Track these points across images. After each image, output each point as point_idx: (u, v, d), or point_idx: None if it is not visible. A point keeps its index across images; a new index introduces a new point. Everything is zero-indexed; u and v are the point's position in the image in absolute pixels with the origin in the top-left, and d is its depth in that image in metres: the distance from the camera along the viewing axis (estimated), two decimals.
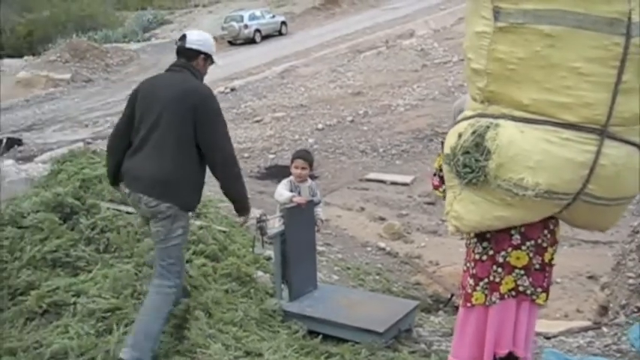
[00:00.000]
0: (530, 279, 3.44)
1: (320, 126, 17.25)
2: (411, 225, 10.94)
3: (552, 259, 3.48)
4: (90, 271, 5.02)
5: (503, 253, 3.39)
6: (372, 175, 13.90)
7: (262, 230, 4.74)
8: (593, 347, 4.59)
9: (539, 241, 3.40)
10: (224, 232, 6.25)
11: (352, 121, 17.66)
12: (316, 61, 23.76)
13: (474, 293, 3.45)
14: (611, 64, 2.92)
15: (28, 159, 14.46)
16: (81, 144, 15.56)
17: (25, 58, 30.81)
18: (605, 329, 5.09)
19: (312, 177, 5.46)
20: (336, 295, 5.14)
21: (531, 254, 3.40)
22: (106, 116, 19.30)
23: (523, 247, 3.38)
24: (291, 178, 5.23)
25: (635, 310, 5.32)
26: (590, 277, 9.41)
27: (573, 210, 3.23)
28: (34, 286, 4.95)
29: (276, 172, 13.73)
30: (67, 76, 25.36)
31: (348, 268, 8.26)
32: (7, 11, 40.70)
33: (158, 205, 3.96)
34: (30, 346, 4.28)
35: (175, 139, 3.95)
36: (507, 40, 3.02)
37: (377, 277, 8.44)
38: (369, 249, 9.90)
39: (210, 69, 4.41)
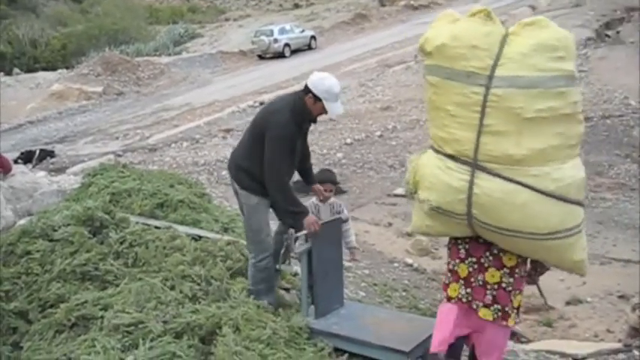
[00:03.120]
0: (469, 290, 3.86)
1: (349, 140, 17.28)
2: (438, 241, 10.86)
3: (501, 282, 3.78)
4: (118, 285, 5.08)
5: (453, 262, 3.94)
6: (400, 191, 13.85)
7: (289, 247, 4.75)
8: None
9: (482, 260, 3.81)
10: None
11: (381, 136, 17.65)
12: (345, 75, 23.78)
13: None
14: (473, 109, 3.50)
15: (60, 170, 14.65)
16: (111, 156, 15.79)
17: (59, 71, 31.28)
18: (636, 352, 5.01)
19: (341, 192, 5.45)
20: (363, 312, 5.11)
21: (471, 269, 3.84)
22: (136, 129, 19.51)
23: (466, 262, 3.86)
24: (314, 200, 5.23)
25: None
26: (620, 297, 9.29)
27: (491, 237, 3.71)
28: (64, 299, 5.03)
29: (303, 187, 13.74)
30: (99, 89, 25.70)
31: (375, 285, 8.24)
32: (43, 25, 41.54)
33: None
34: (58, 359, 4.33)
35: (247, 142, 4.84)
36: (424, 88, 3.85)
37: (404, 294, 8.41)
38: (396, 265, 9.87)
39: (240, 82, 4.61)
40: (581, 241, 3.62)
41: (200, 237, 6.28)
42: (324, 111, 4.63)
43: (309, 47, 33.04)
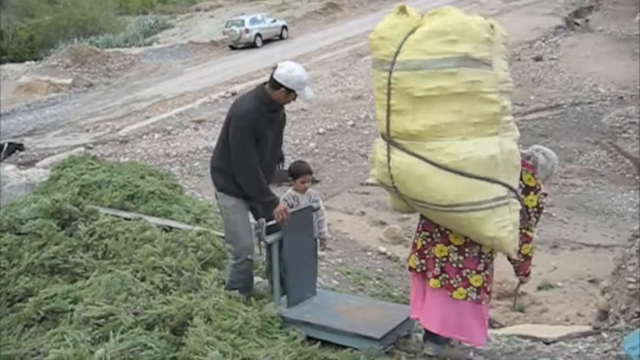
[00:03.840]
0: (423, 261, 4.29)
1: (321, 130, 17.25)
2: (411, 229, 10.88)
3: (448, 256, 4.15)
4: (87, 278, 5.03)
5: (414, 235, 4.41)
6: (373, 179, 13.87)
7: (260, 236, 4.73)
8: (593, 353, 4.57)
9: (433, 235, 4.21)
10: (223, 237, 6.22)
11: (353, 125, 17.66)
12: (317, 65, 23.72)
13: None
14: (383, 91, 3.96)
15: (30, 164, 14.46)
16: (82, 149, 15.60)
17: (27, 63, 30.72)
18: (605, 335, 5.07)
19: (314, 181, 5.45)
20: (335, 301, 5.12)
21: (425, 242, 4.27)
22: (106, 121, 19.28)
23: (421, 235, 4.29)
24: (291, 191, 5.21)
25: (635, 315, 5.29)
26: (591, 281, 9.41)
27: (416, 209, 4.18)
28: (32, 292, 4.97)
29: (277, 176, 13.71)
30: (69, 80, 25.31)
31: (349, 273, 8.25)
32: (9, 16, 40.80)
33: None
34: (27, 354, 4.28)
35: (221, 139, 4.84)
36: None
37: (377, 282, 8.43)
38: (369, 253, 9.89)
39: (211, 73, 4.60)
40: (494, 217, 3.81)
41: (171, 228, 6.24)
42: (290, 99, 4.65)
43: (281, 37, 32.87)
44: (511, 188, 3.86)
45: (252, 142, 4.59)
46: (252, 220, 4.98)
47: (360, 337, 4.40)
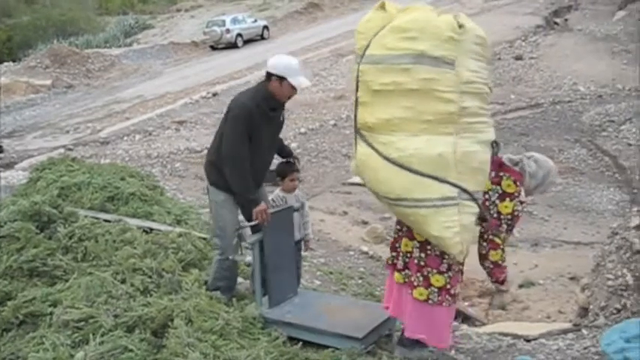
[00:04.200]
0: (394, 253, 4.41)
1: (303, 130, 17.24)
2: (393, 229, 10.92)
3: (412, 252, 4.22)
4: (67, 280, 4.98)
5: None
6: (355, 179, 13.88)
7: (241, 237, 4.72)
8: (573, 350, 4.60)
9: (403, 228, 4.31)
10: (204, 238, 6.21)
11: (335, 125, 17.67)
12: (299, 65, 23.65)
13: None
14: (354, 84, 4.03)
15: (9, 166, 14.30)
16: (62, 150, 15.47)
17: (5, 64, 30.41)
18: (584, 331, 5.11)
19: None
20: (317, 301, 5.12)
21: (396, 236, 4.42)
22: (87, 122, 19.14)
23: (394, 228, 4.48)
24: (279, 192, 5.21)
25: (615, 311, 5.34)
26: (571, 278, 9.46)
27: (378, 200, 4.19)
28: (11, 296, 4.92)
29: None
30: (48, 82, 25.08)
31: (331, 273, 8.24)
32: None
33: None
34: (6, 358, 4.23)
35: (218, 134, 4.85)
36: None
37: (359, 282, 8.43)
38: (351, 253, 9.88)
39: (192, 73, 4.60)
40: (438, 217, 3.83)
41: (151, 229, 6.21)
42: (292, 90, 4.64)
43: (262, 37, 32.84)
44: (463, 190, 3.83)
45: (245, 136, 4.57)
46: (240, 217, 4.99)
47: (342, 336, 4.40)
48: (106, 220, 6.24)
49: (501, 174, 4.13)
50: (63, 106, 21.98)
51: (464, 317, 7.23)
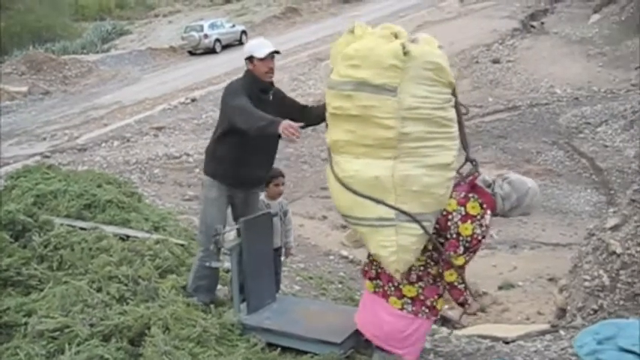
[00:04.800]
0: (367, 261, 4.49)
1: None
2: None
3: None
4: (42, 290, 4.92)
5: None
6: None
7: (218, 243, 4.70)
8: (550, 351, 4.62)
9: None
10: (182, 245, 6.17)
11: (314, 130, 17.54)
12: (277, 69, 23.33)
13: None
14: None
15: None
16: (39, 158, 15.30)
17: None
18: (562, 332, 5.15)
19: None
20: (295, 306, 5.10)
21: None
22: (64, 129, 18.95)
23: None
24: (263, 198, 5.20)
25: (592, 312, 5.38)
26: (550, 280, 9.52)
27: None
28: None
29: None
30: (24, 88, 24.79)
31: (310, 278, 8.22)
32: None
33: None
34: None
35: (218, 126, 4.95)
36: None
37: (339, 286, 8.42)
38: (331, 257, 9.88)
39: (170, 79, 4.62)
40: (376, 236, 4.02)
41: (128, 237, 6.15)
42: (262, 62, 4.77)
43: (240, 42, 32.71)
44: (403, 212, 3.95)
45: (242, 98, 4.63)
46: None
47: (321, 342, 4.39)
48: (82, 228, 6.17)
49: (470, 195, 4.13)
50: (39, 113, 21.77)
51: (443, 320, 7.24)
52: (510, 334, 5.56)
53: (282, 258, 5.50)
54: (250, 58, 4.80)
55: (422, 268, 4.22)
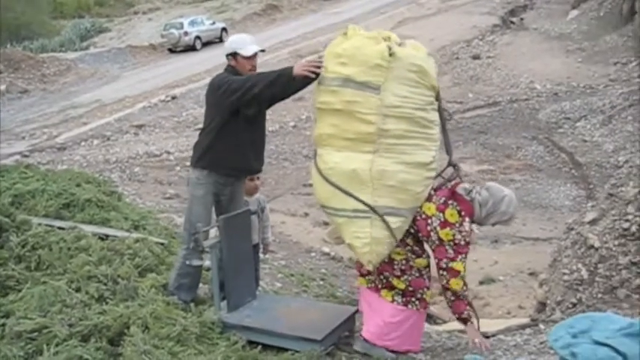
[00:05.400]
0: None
1: None
2: None
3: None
4: (20, 290, 4.86)
5: None
6: None
7: (197, 242, 4.67)
8: (530, 345, 4.66)
9: None
10: (162, 244, 6.14)
11: (295, 127, 17.66)
12: (257, 67, 23.58)
13: None
14: None
15: None
16: (18, 157, 15.16)
17: None
18: (542, 326, 5.19)
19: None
20: (276, 304, 5.10)
21: None
22: (43, 128, 18.81)
23: None
24: None
25: (571, 305, 5.42)
26: (531, 274, 9.58)
27: None
28: None
29: None
30: (2, 87, 24.53)
31: (292, 275, 8.21)
32: None
33: None
34: None
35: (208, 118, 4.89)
36: None
37: (321, 283, 8.41)
38: (313, 254, 9.87)
39: (150, 77, 4.59)
40: (351, 227, 4.22)
41: (107, 236, 6.10)
42: (246, 60, 4.75)
43: (221, 40, 32.60)
44: (373, 206, 4.11)
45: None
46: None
47: (301, 339, 4.39)
48: (60, 228, 6.11)
49: (450, 202, 4.21)
50: (17, 112, 21.58)
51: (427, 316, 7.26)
52: (491, 329, 5.59)
53: (261, 255, 5.48)
54: (234, 55, 4.78)
55: (404, 261, 4.33)
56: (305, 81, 4.41)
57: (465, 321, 4.29)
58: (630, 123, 15.40)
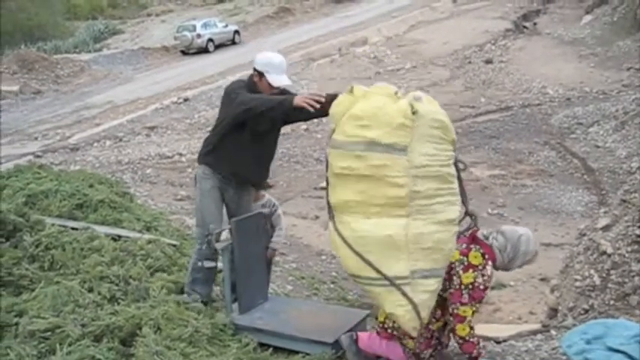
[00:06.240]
0: None
1: None
2: None
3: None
4: (33, 290, 4.90)
5: None
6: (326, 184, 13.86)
7: (210, 243, 4.69)
8: (541, 350, 4.63)
9: None
10: (174, 245, 6.16)
11: (306, 130, 17.67)
12: None
13: None
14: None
15: None
16: (31, 157, 15.26)
17: None
18: (553, 332, 5.16)
19: (268, 186, 5.49)
20: (287, 306, 5.10)
21: None
22: (56, 128, 18.93)
23: None
24: None
25: (582, 312, 5.40)
26: (542, 280, 9.52)
27: None
28: None
29: None
30: (15, 87, 24.75)
31: (303, 278, 8.22)
32: None
33: None
34: None
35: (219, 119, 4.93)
36: None
37: (332, 286, 8.42)
38: (323, 257, 9.87)
39: (163, 79, 4.59)
40: (392, 296, 3.95)
41: (120, 237, 6.14)
42: (271, 87, 4.68)
43: (233, 42, 32.78)
44: (411, 271, 3.93)
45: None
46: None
47: (312, 342, 4.39)
48: (73, 228, 6.16)
49: (472, 246, 4.17)
50: (31, 112, 21.72)
51: None
52: (502, 334, 5.57)
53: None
54: (259, 73, 4.72)
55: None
56: (307, 114, 4.41)
57: (475, 359, 4.24)
58: None
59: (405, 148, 3.85)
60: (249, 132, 4.71)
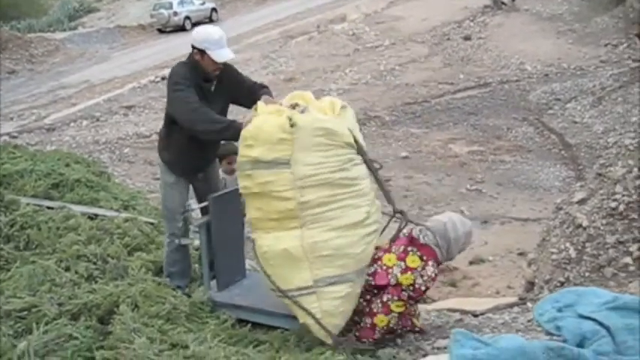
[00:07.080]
0: None
1: None
2: None
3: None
4: (9, 270, 4.85)
5: None
6: None
7: (188, 220, 4.68)
8: (517, 323, 4.68)
9: None
10: (151, 223, 6.13)
11: None
12: (248, 47, 23.52)
13: None
14: None
15: None
16: (6, 138, 15.07)
17: None
18: (530, 305, 5.20)
19: (234, 152, 5.43)
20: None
21: None
22: (31, 109, 18.69)
23: None
24: (220, 173, 5.19)
25: (559, 284, 5.45)
26: (520, 254, 9.63)
27: None
28: None
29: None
30: None
31: None
32: None
33: None
34: None
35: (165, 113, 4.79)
36: None
37: None
38: None
39: (140, 57, 4.48)
40: (297, 309, 4.14)
41: (96, 215, 6.09)
42: (214, 63, 4.55)
43: (210, 20, 32.45)
44: (315, 281, 4.03)
45: (189, 90, 4.46)
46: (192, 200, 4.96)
47: (291, 317, 4.39)
48: (49, 208, 6.10)
49: (409, 249, 4.16)
50: (5, 93, 21.39)
51: None
52: (479, 308, 5.61)
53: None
54: (200, 51, 4.54)
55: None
56: None
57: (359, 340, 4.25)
58: (620, 104, 15.40)
59: (288, 161, 3.96)
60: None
